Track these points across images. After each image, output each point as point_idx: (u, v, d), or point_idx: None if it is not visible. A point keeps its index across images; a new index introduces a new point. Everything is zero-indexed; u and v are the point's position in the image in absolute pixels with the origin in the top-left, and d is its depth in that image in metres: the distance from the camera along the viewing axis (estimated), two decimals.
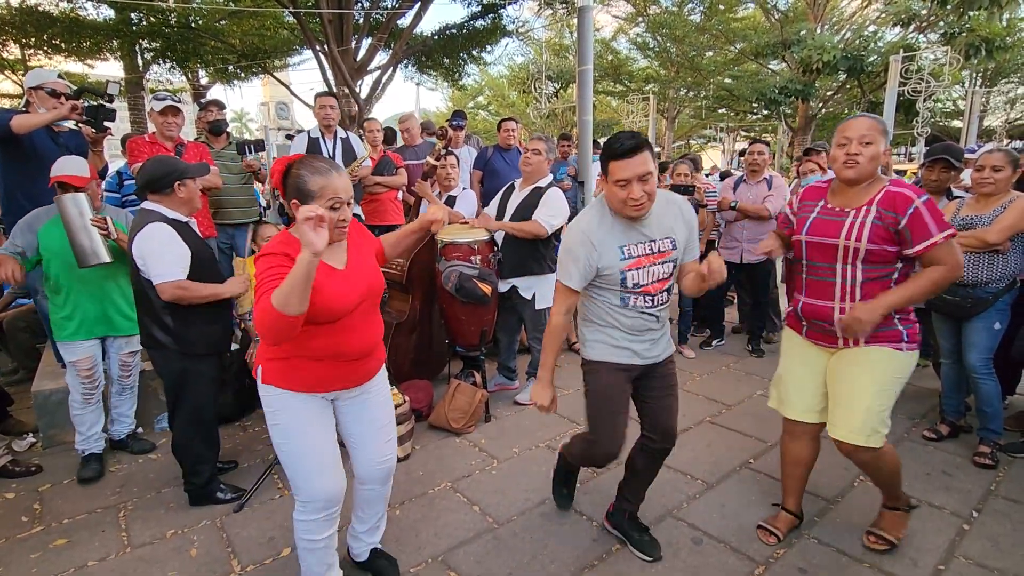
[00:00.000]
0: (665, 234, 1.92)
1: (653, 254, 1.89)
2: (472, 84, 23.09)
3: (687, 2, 17.73)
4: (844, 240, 1.90)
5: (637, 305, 1.92)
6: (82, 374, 2.77)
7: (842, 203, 1.96)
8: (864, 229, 1.86)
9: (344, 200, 1.63)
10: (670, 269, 1.94)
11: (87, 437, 2.86)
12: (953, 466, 2.81)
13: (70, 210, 2.51)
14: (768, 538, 2.25)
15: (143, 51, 12.73)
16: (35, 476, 2.84)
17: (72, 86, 3.21)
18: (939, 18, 13.77)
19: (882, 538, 2.17)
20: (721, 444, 3.06)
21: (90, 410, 2.84)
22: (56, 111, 2.94)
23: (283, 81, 15.67)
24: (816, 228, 1.98)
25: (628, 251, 1.87)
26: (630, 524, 2.25)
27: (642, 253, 1.89)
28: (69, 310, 2.72)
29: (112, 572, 2.14)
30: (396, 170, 4.64)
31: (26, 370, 4.03)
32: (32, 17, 10.78)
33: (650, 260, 1.89)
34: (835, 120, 21.82)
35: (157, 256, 2.24)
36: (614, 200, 1.83)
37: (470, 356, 3.63)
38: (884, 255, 1.86)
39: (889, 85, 10.15)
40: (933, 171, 3.09)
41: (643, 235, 1.89)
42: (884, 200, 1.86)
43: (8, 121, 2.85)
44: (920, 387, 3.80)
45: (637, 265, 1.88)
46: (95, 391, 2.83)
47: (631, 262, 1.87)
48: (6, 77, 13.75)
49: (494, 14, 12.70)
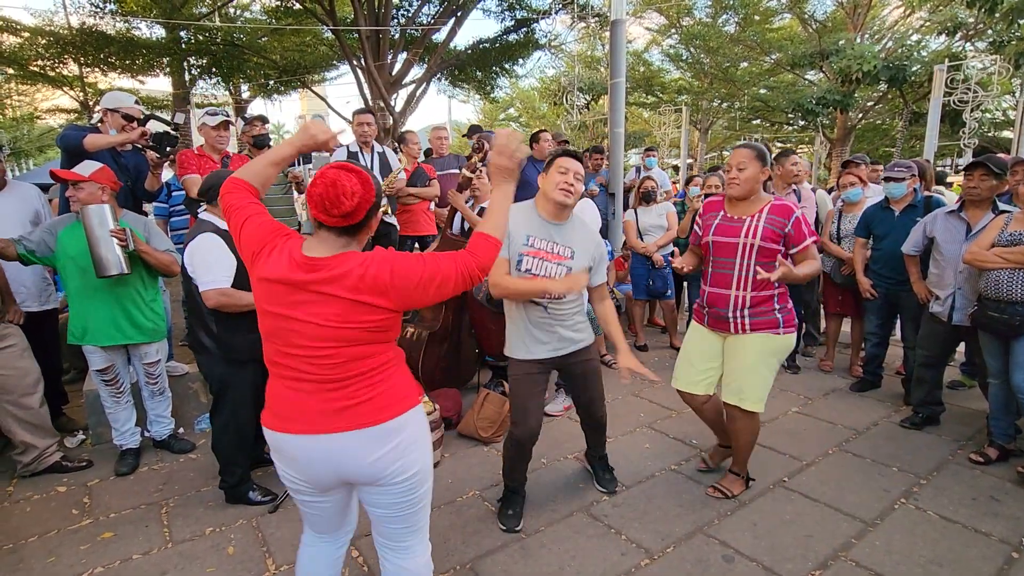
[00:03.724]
0: (567, 243, 2.32)
1: (551, 253, 2.28)
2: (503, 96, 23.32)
3: (721, 13, 17.59)
4: (744, 238, 2.41)
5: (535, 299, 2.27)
6: (107, 381, 2.90)
7: (738, 213, 2.48)
8: (758, 230, 2.39)
9: None
10: (564, 272, 2.29)
11: (121, 433, 3.02)
12: (1002, 491, 2.69)
13: (92, 221, 2.57)
14: (716, 493, 2.66)
15: (190, 68, 13.34)
16: (85, 471, 2.98)
17: (144, 111, 3.39)
18: (987, 26, 13.30)
19: (720, 490, 2.67)
20: (754, 461, 2.98)
21: (121, 408, 2.99)
22: (126, 135, 3.13)
23: (320, 95, 16.17)
24: (720, 231, 2.49)
25: (532, 241, 2.27)
26: (598, 464, 2.79)
27: (541, 248, 2.28)
28: (81, 317, 2.81)
29: (155, 566, 2.23)
30: (429, 182, 4.73)
31: (77, 370, 4.23)
32: (91, 37, 11.43)
33: (547, 256, 2.28)
34: (875, 131, 21.23)
35: (204, 264, 2.35)
36: (550, 185, 2.23)
37: (499, 366, 3.66)
38: (771, 252, 2.38)
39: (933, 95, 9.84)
40: (972, 178, 2.99)
41: (549, 234, 2.29)
42: (773, 209, 2.42)
43: (82, 139, 3.03)
44: (966, 408, 3.65)
45: (534, 255, 2.26)
46: (121, 393, 2.97)
47: (530, 250, 2.26)
48: (64, 92, 14.59)
49: (527, 28, 12.87)
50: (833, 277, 4.26)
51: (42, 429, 2.89)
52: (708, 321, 2.60)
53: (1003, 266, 2.68)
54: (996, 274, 2.72)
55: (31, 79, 13.50)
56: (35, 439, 2.85)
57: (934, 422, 3.40)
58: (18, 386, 2.79)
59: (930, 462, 2.98)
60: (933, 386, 3.37)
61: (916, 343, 3.46)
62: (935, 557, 2.22)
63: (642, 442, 3.26)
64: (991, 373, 2.92)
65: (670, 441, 3.27)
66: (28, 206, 3.32)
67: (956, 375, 4.12)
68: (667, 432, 3.38)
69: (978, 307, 2.88)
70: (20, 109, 18.37)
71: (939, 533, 2.38)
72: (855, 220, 3.98)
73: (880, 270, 3.75)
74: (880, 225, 3.75)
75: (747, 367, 2.46)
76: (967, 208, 3.10)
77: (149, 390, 3.09)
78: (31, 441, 2.84)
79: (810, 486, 2.76)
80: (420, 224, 4.88)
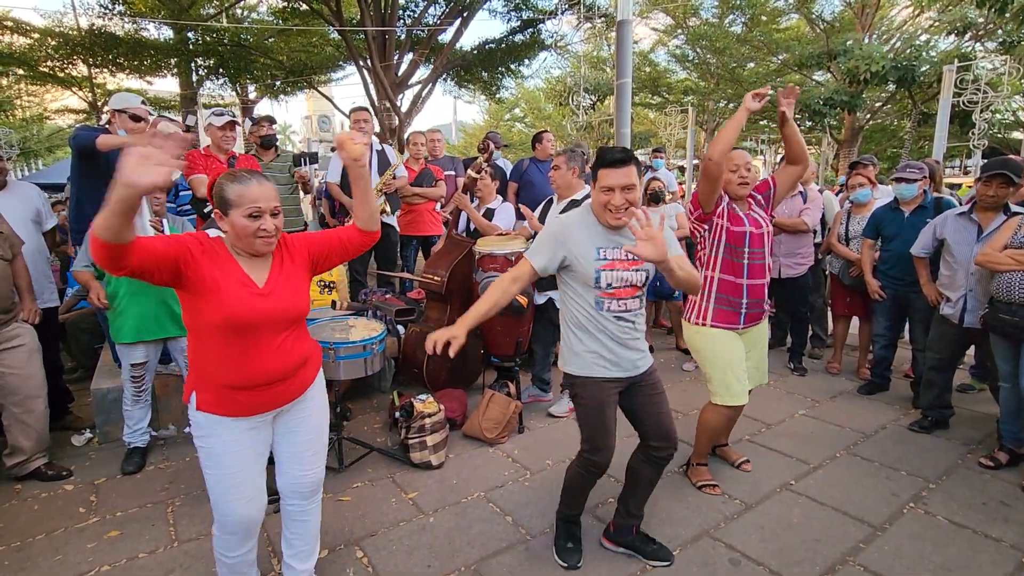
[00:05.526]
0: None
1: (627, 260, 2.01)
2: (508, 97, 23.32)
3: (728, 13, 17.51)
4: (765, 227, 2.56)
5: (611, 309, 2.03)
6: (135, 378, 2.94)
7: (743, 209, 2.56)
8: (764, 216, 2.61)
9: (264, 209, 1.58)
10: (643, 278, 2.05)
11: (133, 431, 3.06)
12: (1012, 496, 2.66)
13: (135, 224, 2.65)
14: (714, 491, 2.71)
15: (198, 68, 13.41)
16: (92, 470, 2.99)
17: (153, 112, 3.42)
18: (997, 26, 13.19)
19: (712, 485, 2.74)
20: (760, 464, 2.97)
21: (138, 408, 3.03)
22: (138, 135, 3.15)
23: (327, 95, 16.22)
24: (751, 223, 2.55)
25: (604, 253, 2.01)
26: (639, 538, 2.28)
27: (616, 258, 2.01)
28: (125, 313, 2.87)
29: (161, 565, 2.24)
30: (435, 182, 4.74)
31: (84, 369, 4.26)
32: (100, 38, 11.51)
33: (624, 266, 2.01)
34: (883, 132, 21.07)
35: None
36: (597, 205, 2.00)
37: (505, 367, 3.65)
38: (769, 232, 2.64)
39: (943, 96, 9.75)
40: (990, 186, 2.96)
41: (619, 242, 2.02)
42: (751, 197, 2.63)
43: (95, 139, 3.06)
44: (976, 412, 3.62)
45: (611, 267, 2.01)
46: (142, 392, 3.01)
47: (605, 263, 2.00)
48: (73, 93, 14.70)
49: (533, 29, 12.85)
50: (841, 278, 4.23)
51: (39, 435, 2.89)
52: (745, 317, 2.58)
53: (1016, 268, 2.66)
54: (1008, 276, 2.69)
55: (41, 80, 13.61)
56: (29, 444, 2.85)
57: (943, 426, 3.37)
58: (23, 387, 2.79)
59: (939, 466, 2.95)
60: (942, 389, 3.34)
61: (926, 345, 3.43)
62: (944, 562, 2.19)
63: None
64: (1002, 376, 2.89)
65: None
66: (29, 205, 3.36)
67: (965, 378, 4.08)
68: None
69: (989, 310, 2.85)
70: (30, 110, 18.56)
71: (948, 538, 2.35)
72: (863, 221, 3.95)
73: (889, 271, 3.72)
74: (889, 226, 3.72)
75: (765, 350, 2.81)
76: (978, 210, 3.07)
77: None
78: (23, 445, 2.84)
79: (817, 489, 2.74)
80: (424, 224, 4.88)
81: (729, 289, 2.56)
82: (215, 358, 1.63)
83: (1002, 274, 2.72)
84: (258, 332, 1.63)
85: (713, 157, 2.34)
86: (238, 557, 1.82)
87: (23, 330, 2.84)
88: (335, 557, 2.26)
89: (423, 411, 2.98)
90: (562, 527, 2.30)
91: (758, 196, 2.63)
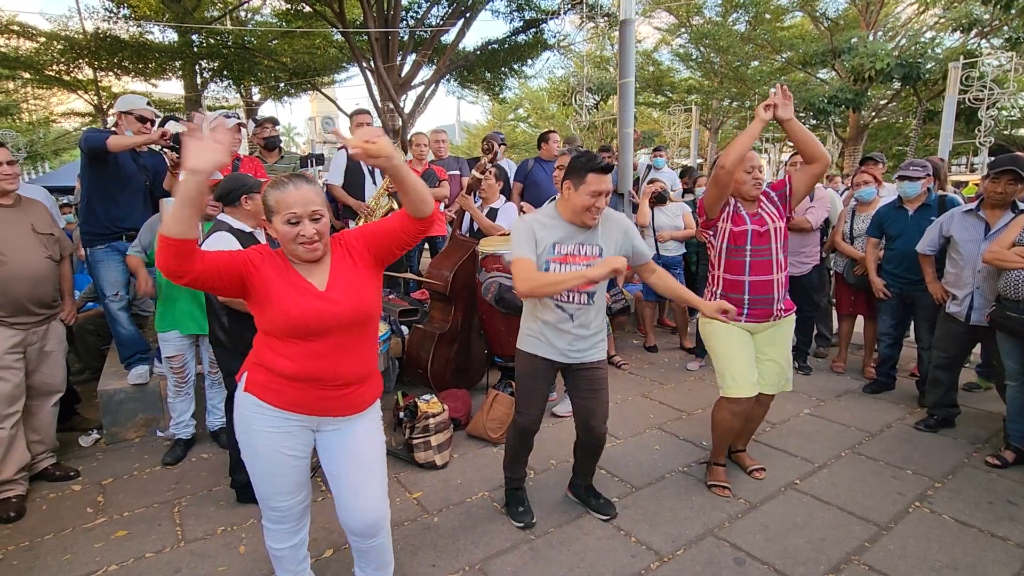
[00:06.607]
0: (595, 242, 2.23)
1: (578, 255, 2.18)
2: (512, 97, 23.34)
3: (731, 12, 17.47)
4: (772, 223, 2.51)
5: (552, 297, 2.20)
6: (174, 369, 3.02)
7: (751, 209, 2.55)
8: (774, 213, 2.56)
9: (301, 214, 1.55)
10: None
11: (177, 424, 3.13)
12: (1019, 495, 2.64)
13: (164, 211, 2.71)
14: (722, 492, 2.68)
15: (202, 71, 13.49)
16: (99, 470, 3.02)
17: (159, 113, 3.45)
18: (1003, 23, 13.11)
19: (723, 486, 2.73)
20: (765, 463, 2.96)
21: (180, 400, 3.11)
22: (147, 136, 3.19)
23: (330, 97, 16.28)
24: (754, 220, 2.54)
25: (559, 248, 2.18)
26: (587, 492, 2.60)
27: (569, 252, 2.18)
28: (167, 305, 2.97)
29: (167, 564, 2.25)
30: (439, 183, 4.74)
31: (91, 370, 4.29)
32: (105, 41, 11.59)
33: (575, 260, 2.18)
34: (888, 130, 20.97)
35: None
36: (579, 205, 2.12)
37: (508, 367, 3.66)
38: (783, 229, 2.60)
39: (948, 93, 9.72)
40: (999, 183, 2.94)
41: (576, 238, 2.19)
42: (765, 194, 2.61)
43: (105, 140, 3.10)
44: (982, 410, 3.60)
45: (562, 261, 2.17)
46: (184, 383, 3.09)
47: (559, 257, 2.17)
48: (79, 96, 14.81)
49: (536, 29, 12.87)
50: (846, 277, 4.21)
51: (46, 436, 2.90)
52: (748, 313, 2.56)
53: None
54: (1016, 274, 2.68)
55: (47, 83, 13.75)
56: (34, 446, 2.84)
57: (949, 424, 3.35)
58: (45, 388, 2.85)
59: (945, 465, 2.94)
60: (948, 388, 3.32)
61: (931, 344, 3.42)
62: (950, 562, 2.19)
63: (652, 444, 3.25)
64: (1008, 375, 2.87)
65: (680, 443, 3.25)
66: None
67: (971, 377, 4.06)
68: (677, 434, 3.36)
69: (996, 307, 2.84)
70: (36, 113, 18.72)
71: (954, 537, 2.34)
72: (868, 220, 3.93)
73: (894, 270, 3.70)
74: (893, 225, 3.70)
75: (786, 353, 2.67)
76: (985, 207, 3.05)
77: (211, 379, 3.20)
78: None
79: (822, 488, 2.73)
80: None
81: (732, 286, 2.57)
82: (280, 349, 1.63)
83: (1010, 272, 2.71)
84: (323, 336, 1.61)
85: (726, 165, 2.35)
86: (286, 550, 1.84)
87: (55, 336, 2.87)
88: (340, 557, 2.27)
89: (427, 411, 2.99)
90: (511, 495, 2.56)
91: (772, 194, 2.59)
